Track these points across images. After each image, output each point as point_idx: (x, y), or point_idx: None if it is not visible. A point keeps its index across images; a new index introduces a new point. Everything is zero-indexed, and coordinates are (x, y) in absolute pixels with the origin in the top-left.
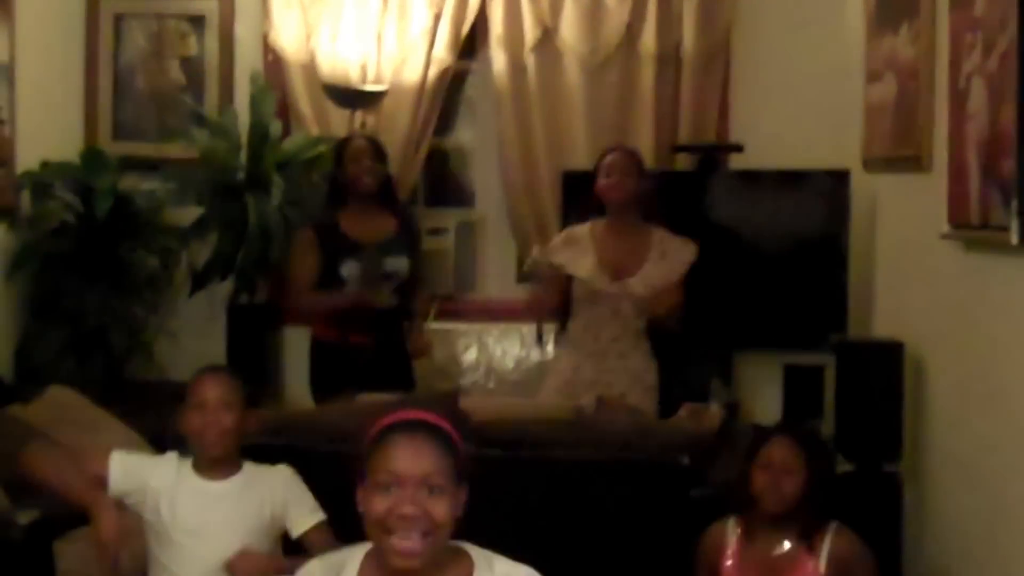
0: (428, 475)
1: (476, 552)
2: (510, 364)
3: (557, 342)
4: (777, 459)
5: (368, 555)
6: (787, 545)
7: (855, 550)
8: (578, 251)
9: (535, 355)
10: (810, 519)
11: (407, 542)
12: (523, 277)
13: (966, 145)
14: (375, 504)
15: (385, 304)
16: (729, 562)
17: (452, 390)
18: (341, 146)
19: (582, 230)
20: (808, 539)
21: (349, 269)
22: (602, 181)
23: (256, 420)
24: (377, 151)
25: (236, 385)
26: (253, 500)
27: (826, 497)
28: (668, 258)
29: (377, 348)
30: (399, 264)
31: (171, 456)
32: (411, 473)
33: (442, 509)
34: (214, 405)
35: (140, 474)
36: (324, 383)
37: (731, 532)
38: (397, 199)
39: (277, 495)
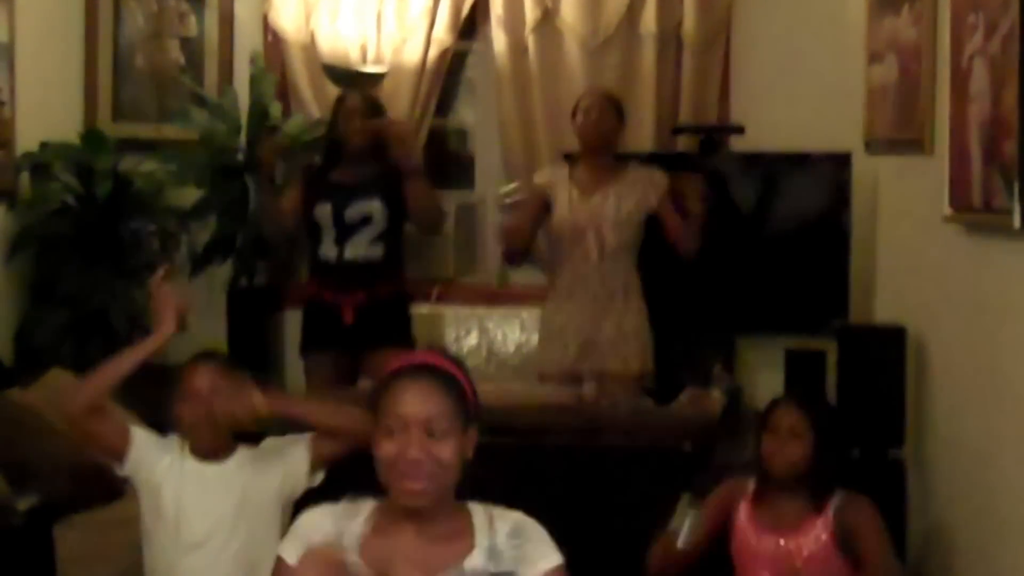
0: (433, 418)
1: (475, 506)
2: (511, 348)
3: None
4: (784, 424)
5: (379, 504)
6: (796, 506)
7: (863, 511)
8: (558, 181)
9: (535, 339)
10: (818, 484)
11: (415, 484)
12: (503, 207)
13: (968, 128)
14: (384, 448)
15: (269, 151)
16: (742, 516)
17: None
18: (337, 104)
19: (561, 167)
20: (816, 503)
21: (321, 210)
22: (579, 120)
23: None
24: (371, 109)
25: (230, 373)
26: (251, 480)
27: (835, 463)
28: (640, 183)
29: (363, 308)
30: (371, 207)
31: (173, 439)
32: (416, 417)
33: (448, 452)
34: (206, 395)
35: (154, 454)
36: (310, 342)
37: (748, 490)
38: (384, 152)
39: (273, 467)
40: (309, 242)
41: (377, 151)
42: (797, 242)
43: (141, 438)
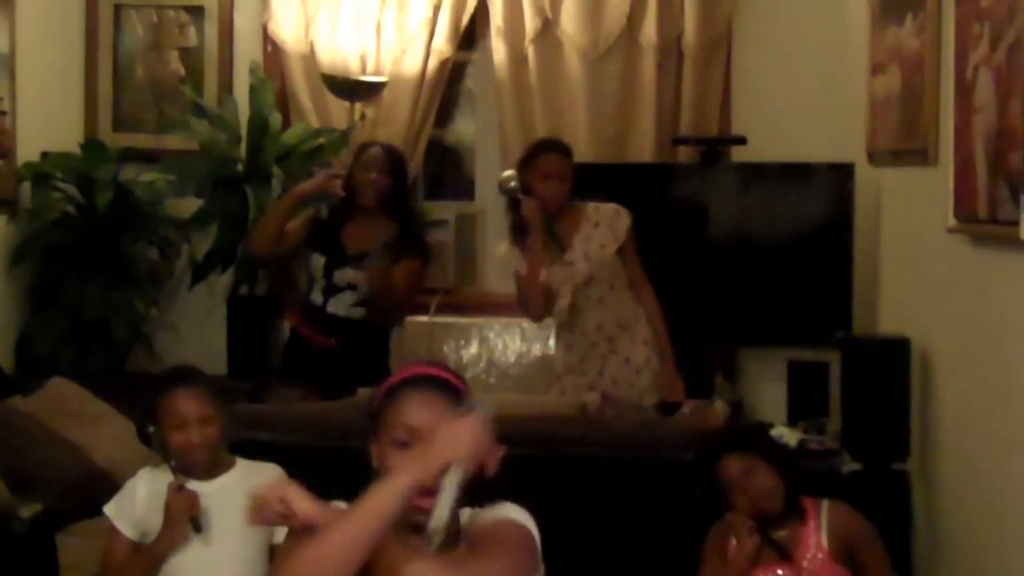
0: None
1: (465, 510)
2: (511, 358)
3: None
4: (734, 472)
5: None
6: (783, 532)
7: (855, 523)
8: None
9: (536, 349)
10: (792, 497)
11: (427, 501)
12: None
13: (973, 138)
14: (392, 460)
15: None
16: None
17: None
18: (359, 150)
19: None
20: (798, 515)
21: (316, 260)
22: (539, 186)
23: (230, 417)
24: (391, 163)
25: (211, 393)
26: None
27: (799, 474)
28: (602, 226)
29: (341, 353)
30: (358, 277)
31: (144, 472)
32: (426, 427)
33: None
34: (196, 423)
35: (132, 506)
36: (287, 371)
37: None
38: (404, 210)
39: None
40: (306, 279)
41: (392, 204)
42: (800, 253)
43: (116, 512)
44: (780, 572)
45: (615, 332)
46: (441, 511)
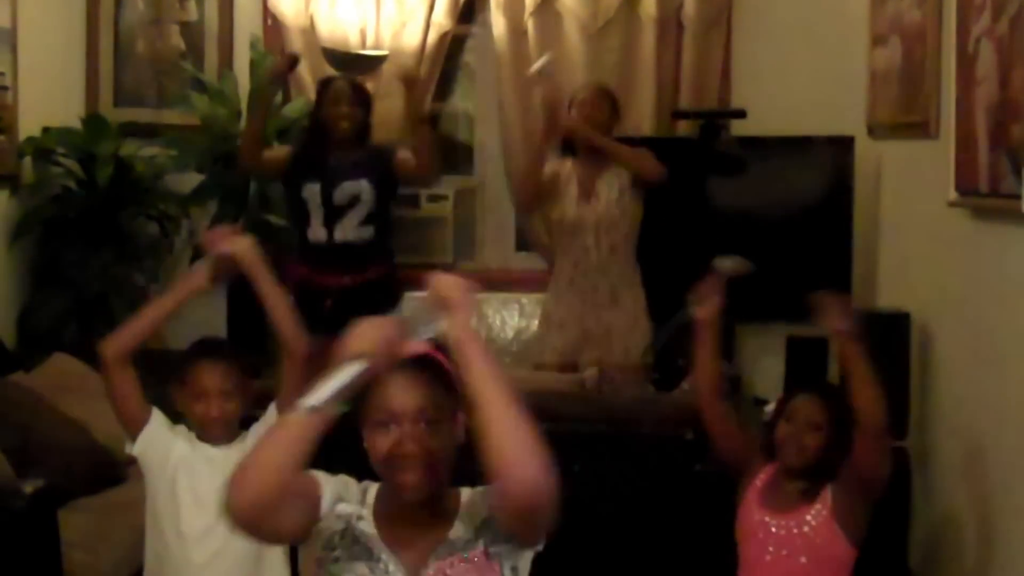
0: (423, 409)
1: (465, 489)
2: (510, 334)
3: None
4: (802, 414)
5: (380, 488)
6: (797, 488)
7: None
8: (562, 173)
9: (534, 325)
10: (822, 474)
11: (413, 477)
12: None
13: (975, 111)
14: (376, 444)
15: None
16: (752, 491)
17: None
18: (322, 87)
19: (564, 162)
20: (815, 491)
21: (309, 190)
22: (573, 114)
23: (251, 392)
24: (358, 95)
25: (235, 368)
26: None
27: (843, 457)
28: (623, 173)
29: (350, 290)
30: (359, 187)
31: (182, 429)
32: (407, 409)
33: (442, 440)
34: (216, 395)
35: (168, 438)
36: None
37: (764, 471)
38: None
39: None
40: (296, 224)
41: (361, 136)
42: (799, 227)
43: (159, 419)
44: (782, 522)
45: (614, 288)
46: (324, 391)
